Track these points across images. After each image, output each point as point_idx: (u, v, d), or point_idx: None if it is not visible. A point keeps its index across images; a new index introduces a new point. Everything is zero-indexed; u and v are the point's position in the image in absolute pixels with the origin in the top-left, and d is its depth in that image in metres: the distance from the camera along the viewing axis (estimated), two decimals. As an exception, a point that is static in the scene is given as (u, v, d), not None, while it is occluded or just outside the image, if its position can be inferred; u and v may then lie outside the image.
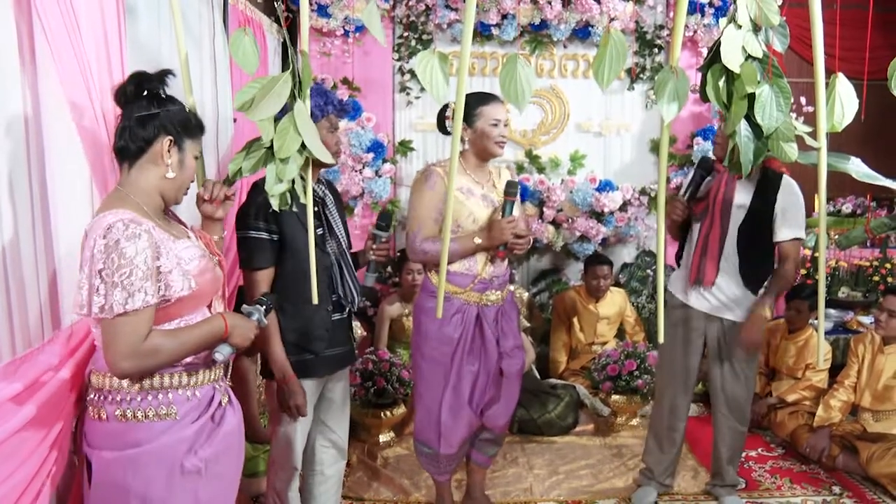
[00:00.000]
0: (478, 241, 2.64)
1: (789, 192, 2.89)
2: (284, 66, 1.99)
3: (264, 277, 2.28)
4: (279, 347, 2.30)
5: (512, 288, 4.32)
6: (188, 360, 1.72)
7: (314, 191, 2.31)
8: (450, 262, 2.65)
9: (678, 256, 3.18)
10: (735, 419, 3.11)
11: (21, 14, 1.72)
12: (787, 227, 2.89)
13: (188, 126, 1.75)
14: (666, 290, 3.16)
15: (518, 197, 2.68)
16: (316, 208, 2.31)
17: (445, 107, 2.76)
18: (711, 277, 2.94)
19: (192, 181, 1.84)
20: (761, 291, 2.96)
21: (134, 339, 1.58)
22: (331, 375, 2.49)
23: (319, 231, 2.33)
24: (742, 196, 2.91)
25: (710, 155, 3.41)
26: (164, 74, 1.74)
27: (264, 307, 1.91)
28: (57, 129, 1.81)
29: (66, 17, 1.75)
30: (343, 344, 2.48)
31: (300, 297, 2.24)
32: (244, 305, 1.91)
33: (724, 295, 2.96)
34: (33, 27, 1.74)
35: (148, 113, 1.69)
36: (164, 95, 1.73)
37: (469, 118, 2.65)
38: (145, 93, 1.70)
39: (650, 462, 3.27)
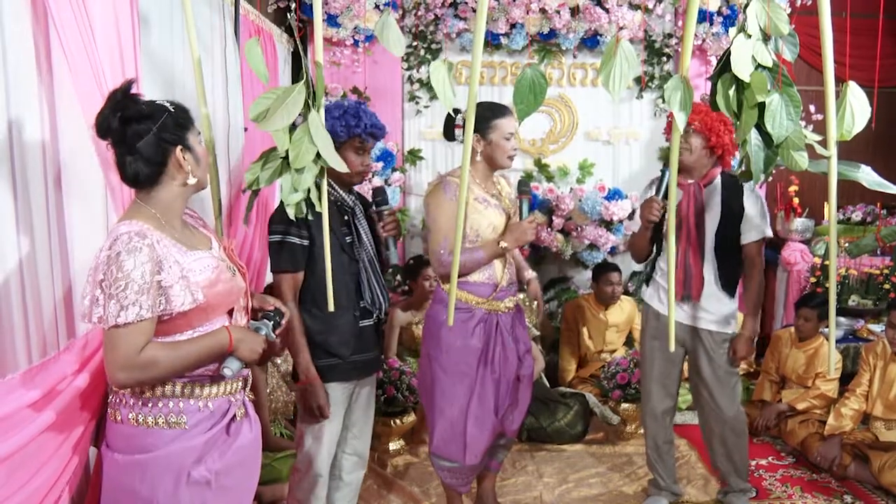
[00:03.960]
0: (503, 244, 2.66)
1: (755, 197, 2.98)
2: (295, 76, 2.00)
3: (295, 281, 2.34)
4: (305, 351, 2.34)
5: (521, 296, 4.31)
6: (198, 371, 1.72)
7: (345, 200, 2.41)
8: (475, 271, 2.68)
9: (648, 274, 3.20)
10: (727, 425, 3.09)
11: (38, 26, 1.74)
12: (754, 229, 2.98)
13: (181, 123, 1.68)
14: (643, 302, 3.17)
15: (530, 195, 2.70)
16: (346, 217, 2.41)
17: (456, 111, 2.70)
18: (698, 293, 2.97)
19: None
20: (742, 315, 3.06)
21: (129, 351, 1.57)
22: (359, 381, 2.51)
23: (349, 239, 2.40)
24: (712, 202, 2.97)
25: None
26: (128, 89, 1.64)
27: (272, 322, 1.87)
28: (72, 139, 1.83)
29: (81, 27, 1.77)
30: (370, 350, 2.50)
31: (328, 301, 2.27)
32: (251, 321, 1.88)
33: (702, 302, 2.98)
34: (50, 39, 1.76)
35: (147, 137, 1.62)
36: (145, 111, 1.64)
37: (483, 130, 2.65)
38: (129, 120, 1.61)
39: (655, 472, 3.27)
